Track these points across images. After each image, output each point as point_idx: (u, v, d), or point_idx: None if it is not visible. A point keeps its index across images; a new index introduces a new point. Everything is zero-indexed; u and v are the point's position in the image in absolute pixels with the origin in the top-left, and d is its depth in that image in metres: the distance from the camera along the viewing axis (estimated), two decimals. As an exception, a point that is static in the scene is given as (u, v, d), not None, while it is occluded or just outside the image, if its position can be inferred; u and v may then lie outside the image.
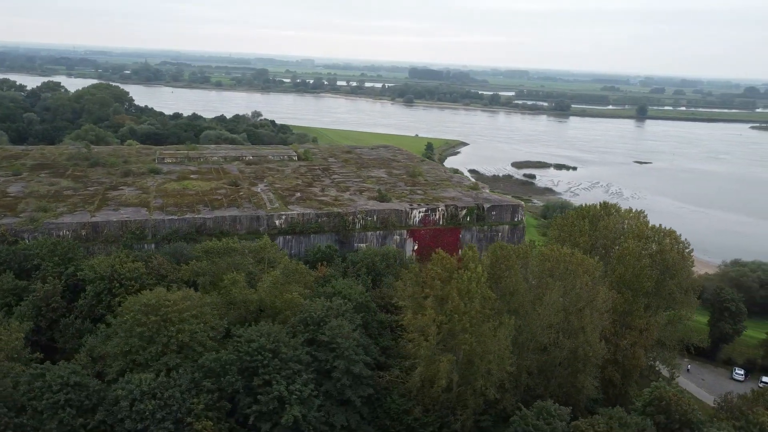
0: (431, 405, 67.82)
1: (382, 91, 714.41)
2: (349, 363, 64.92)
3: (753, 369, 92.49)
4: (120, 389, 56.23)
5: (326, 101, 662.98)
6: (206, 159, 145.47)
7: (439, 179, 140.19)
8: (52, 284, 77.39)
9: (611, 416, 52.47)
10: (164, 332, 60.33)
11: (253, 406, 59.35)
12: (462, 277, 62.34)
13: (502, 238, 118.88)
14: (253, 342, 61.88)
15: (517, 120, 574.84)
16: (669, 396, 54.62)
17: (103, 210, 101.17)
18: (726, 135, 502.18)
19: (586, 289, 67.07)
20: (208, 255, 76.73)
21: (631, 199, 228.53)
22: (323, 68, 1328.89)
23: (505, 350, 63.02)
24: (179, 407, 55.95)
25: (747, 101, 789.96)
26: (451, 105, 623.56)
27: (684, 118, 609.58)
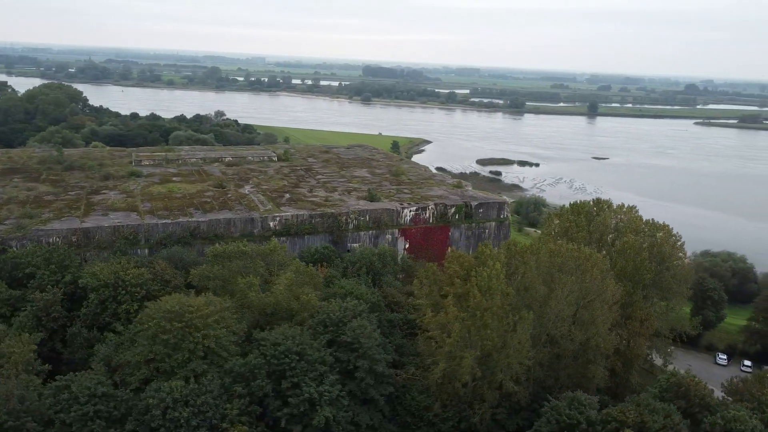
0: (449, 400, 69.34)
1: (339, 89, 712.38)
2: (372, 362, 65.81)
3: (733, 354, 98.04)
4: (150, 398, 55.44)
5: (282, 100, 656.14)
6: (185, 161, 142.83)
7: (422, 178, 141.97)
8: (51, 293, 75.15)
9: (638, 403, 55.17)
10: (189, 339, 59.70)
11: (284, 409, 59.57)
12: (482, 274, 64.01)
13: (489, 234, 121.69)
14: (279, 345, 62.03)
15: (473, 118, 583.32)
16: (687, 382, 57.86)
17: (92, 215, 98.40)
18: (672, 131, 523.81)
19: (595, 282, 69.82)
20: (217, 259, 75.83)
21: (594, 194, 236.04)
22: (275, 66, 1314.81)
23: (524, 344, 65.13)
24: (213, 413, 55.65)
25: (688, 98, 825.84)
26: (408, 103, 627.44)
27: (632, 115, 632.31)
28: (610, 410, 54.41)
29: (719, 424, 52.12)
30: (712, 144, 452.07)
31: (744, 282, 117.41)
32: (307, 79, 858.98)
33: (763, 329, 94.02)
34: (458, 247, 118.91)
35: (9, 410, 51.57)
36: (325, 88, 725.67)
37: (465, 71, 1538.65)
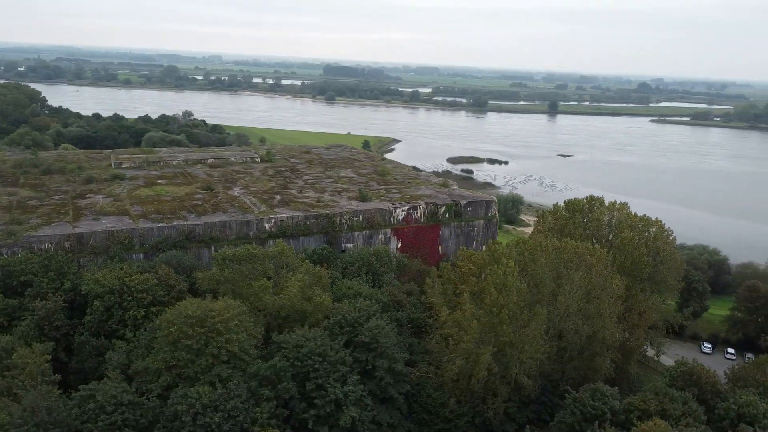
0: (462, 396, 70.82)
1: (302, 88, 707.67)
2: (391, 361, 66.70)
3: (716, 342, 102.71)
4: (178, 404, 55.00)
5: (244, 99, 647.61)
6: (167, 163, 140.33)
7: (407, 178, 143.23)
8: (53, 301, 73.31)
9: (656, 392, 57.69)
10: (213, 343, 59.36)
11: (310, 410, 59.88)
12: (497, 272, 65.62)
13: (478, 233, 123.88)
14: (302, 347, 62.25)
15: (437, 116, 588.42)
16: (698, 370, 60.79)
17: (82, 220, 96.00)
18: (629, 128, 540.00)
19: (600, 277, 72.37)
20: (226, 262, 75.27)
21: (564, 191, 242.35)
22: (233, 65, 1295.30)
23: (538, 339, 67.09)
24: (244, 417, 55.56)
25: (642, 96, 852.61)
26: (372, 102, 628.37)
27: (590, 113, 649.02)
28: (632, 399, 56.80)
29: (733, 409, 55.07)
30: (667, 141, 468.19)
31: (719, 273, 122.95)
32: (268, 78, 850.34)
33: (745, 318, 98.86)
34: (448, 245, 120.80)
35: (37, 423, 50.45)
36: (288, 87, 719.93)
37: (424, 70, 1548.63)
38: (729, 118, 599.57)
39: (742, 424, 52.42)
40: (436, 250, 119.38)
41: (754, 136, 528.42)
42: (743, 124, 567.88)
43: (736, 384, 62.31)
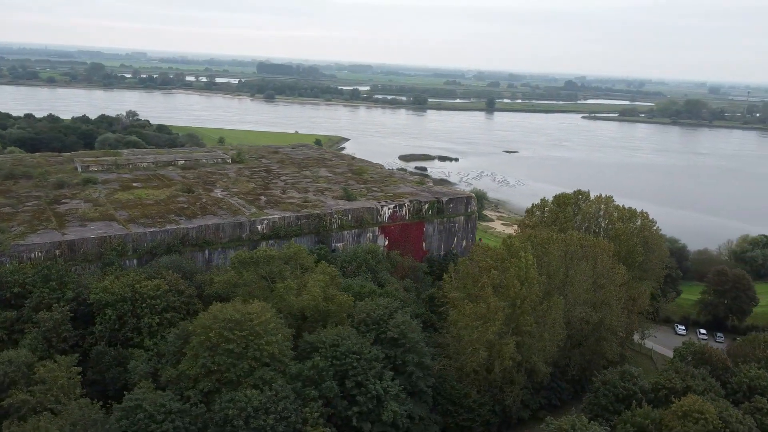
0: (482, 386, 73.54)
1: (239, 86, 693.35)
2: (420, 356, 68.47)
3: (688, 324, 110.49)
4: (228, 409, 54.70)
5: (178, 98, 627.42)
6: (136, 165, 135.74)
7: (383, 176, 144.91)
8: (59, 312, 70.63)
9: (677, 370, 62.22)
10: (253, 346, 59.13)
11: (353, 407, 60.77)
12: (519, 265, 68.61)
13: (459, 228, 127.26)
14: (339, 346, 62.99)
15: (378, 114, 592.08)
16: (707, 349, 65.96)
17: (69, 227, 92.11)
18: (562, 124, 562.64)
19: (605, 267, 76.84)
20: (243, 265, 74.65)
21: (517, 186, 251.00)
22: (159, 62, 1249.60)
23: (557, 327, 70.65)
24: (296, 418, 55.87)
25: (570, 94, 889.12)
26: (312, 101, 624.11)
27: (525, 110, 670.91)
28: (658, 379, 61.01)
29: (744, 383, 60.35)
30: (599, 136, 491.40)
31: (680, 260, 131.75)
32: (201, 76, 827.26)
33: (715, 300, 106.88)
34: (431, 242, 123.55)
35: (89, 436, 48.97)
36: (224, 85, 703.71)
37: (358, 68, 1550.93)
38: (653, 114, 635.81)
39: (756, 396, 57.75)
40: (421, 247, 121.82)
41: (676, 131, 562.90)
42: (666, 119, 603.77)
43: (737, 360, 68.04)
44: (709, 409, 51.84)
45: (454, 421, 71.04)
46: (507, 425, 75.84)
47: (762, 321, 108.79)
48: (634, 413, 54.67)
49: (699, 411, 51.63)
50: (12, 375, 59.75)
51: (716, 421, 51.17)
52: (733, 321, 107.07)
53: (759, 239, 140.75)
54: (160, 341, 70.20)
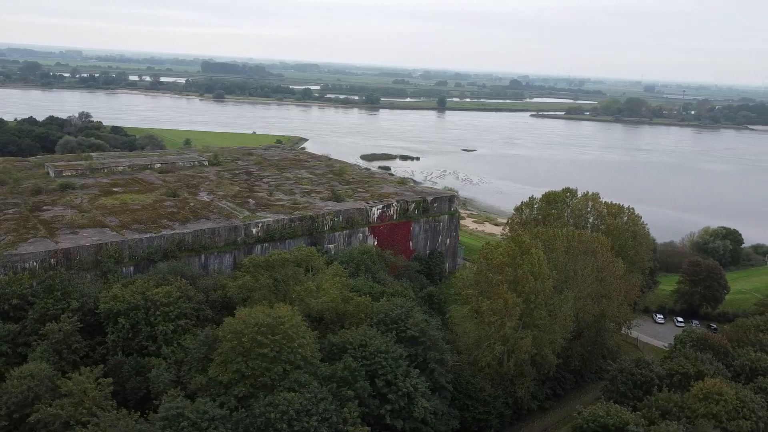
0: (493, 380, 75.99)
1: (186, 86, 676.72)
2: (440, 353, 70.22)
3: (665, 313, 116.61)
4: (269, 412, 54.85)
5: (123, 98, 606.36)
6: (111, 169, 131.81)
7: (363, 177, 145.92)
8: (69, 323, 68.72)
9: (686, 356, 66.21)
10: (287, 350, 59.35)
11: (385, 405, 61.90)
12: (532, 261, 71.30)
13: (443, 227, 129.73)
14: (367, 346, 63.96)
15: (331, 114, 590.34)
16: (708, 336, 70.43)
17: (60, 235, 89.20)
18: (512, 123, 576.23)
19: (605, 261, 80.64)
20: (258, 269, 74.41)
21: (480, 184, 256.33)
22: (97, 61, 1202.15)
23: (567, 320, 73.78)
24: (336, 419, 56.54)
25: (516, 93, 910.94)
26: (264, 100, 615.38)
27: (476, 109, 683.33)
28: (671, 364, 64.80)
29: (747, 365, 64.94)
30: (549, 134, 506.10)
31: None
32: (143, 75, 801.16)
33: (690, 290, 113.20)
34: (418, 240, 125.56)
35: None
36: (170, 85, 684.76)
37: (304, 67, 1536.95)
38: (597, 112, 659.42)
39: (759, 376, 62.37)
40: (408, 246, 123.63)
41: (619, 128, 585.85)
42: (609, 117, 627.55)
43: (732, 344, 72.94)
44: (727, 390, 55.88)
45: (471, 414, 73.09)
46: (517, 416, 78.57)
47: (731, 308, 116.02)
48: (657, 397, 58.17)
49: (718, 393, 55.55)
50: (36, 389, 57.89)
51: (734, 401, 55.21)
52: (707, 308, 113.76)
53: (719, 231, 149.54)
54: (177, 349, 69.31)
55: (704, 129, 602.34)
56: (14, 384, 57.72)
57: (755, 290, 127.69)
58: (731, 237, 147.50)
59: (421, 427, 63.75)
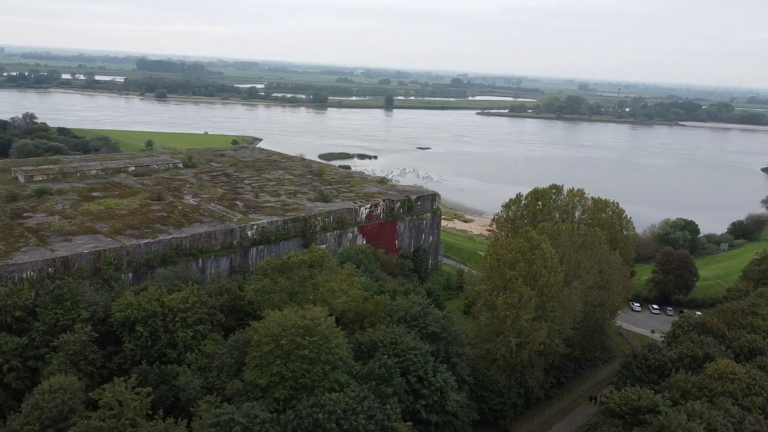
0: (506, 371, 78.89)
1: (125, 85, 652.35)
2: (461, 347, 72.40)
3: (640, 301, 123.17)
4: (316, 413, 55.40)
5: (57, 98, 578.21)
6: (84, 173, 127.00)
7: (343, 176, 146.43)
8: (85, 333, 66.92)
9: (691, 340, 70.83)
10: (325, 350, 59.92)
11: (420, 401, 63.47)
12: (545, 256, 74.46)
13: (427, 225, 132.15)
14: (398, 343, 65.32)
15: (279, 113, 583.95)
16: (707, 320, 75.52)
17: (53, 243, 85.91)
18: (459, 120, 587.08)
19: (604, 253, 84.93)
20: (275, 272, 74.27)
21: (441, 181, 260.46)
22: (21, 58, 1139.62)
23: (576, 311, 77.41)
24: (381, 416, 57.64)
25: (460, 91, 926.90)
26: (208, 99, 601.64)
27: (422, 107, 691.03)
28: (681, 348, 69.18)
29: (746, 345, 70.25)
30: (495, 131, 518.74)
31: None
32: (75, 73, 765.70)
33: (663, 279, 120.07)
34: (403, 239, 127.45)
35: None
36: (108, 84, 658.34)
37: (243, 65, 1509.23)
38: (539, 110, 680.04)
39: (758, 356, 67.68)
40: (394, 244, 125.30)
41: (560, 125, 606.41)
42: (551, 114, 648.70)
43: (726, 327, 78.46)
44: (740, 370, 60.54)
45: (488, 406, 75.58)
46: (527, 405, 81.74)
47: (699, 294, 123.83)
48: (676, 379, 62.26)
49: (732, 372, 60.10)
50: (69, 402, 56.12)
51: (747, 379, 59.91)
52: (678, 296, 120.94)
53: (678, 222, 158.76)
54: (198, 355, 68.53)
55: (639, 125, 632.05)
56: (46, 398, 55.76)
57: (717, 277, 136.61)
58: (689, 228, 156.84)
59: (452, 420, 65.70)
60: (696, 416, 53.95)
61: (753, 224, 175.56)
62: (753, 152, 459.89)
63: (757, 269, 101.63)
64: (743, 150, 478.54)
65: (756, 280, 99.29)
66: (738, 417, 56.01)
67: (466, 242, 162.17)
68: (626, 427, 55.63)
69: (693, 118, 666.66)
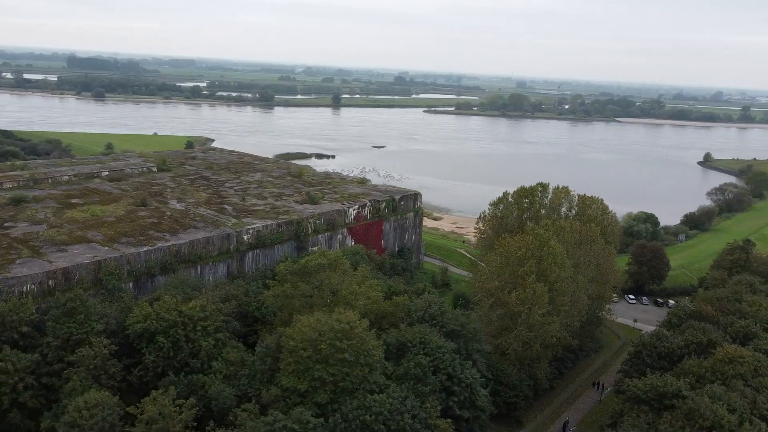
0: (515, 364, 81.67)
1: (60, 84, 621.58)
2: (480, 344, 74.54)
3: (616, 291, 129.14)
4: (362, 415, 56.09)
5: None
6: (56, 179, 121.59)
7: (322, 178, 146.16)
8: (105, 347, 65.12)
9: (693, 327, 75.39)
10: (363, 353, 60.57)
11: (452, 397, 65.11)
12: (555, 252, 77.50)
13: (410, 224, 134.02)
14: (428, 342, 66.71)
15: (224, 112, 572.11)
16: (702, 308, 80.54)
17: (48, 254, 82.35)
18: (408, 119, 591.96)
19: (602, 248, 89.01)
20: (294, 276, 74.10)
21: (403, 180, 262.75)
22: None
23: (582, 303, 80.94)
24: (424, 414, 58.86)
25: (404, 89, 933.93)
26: (149, 99, 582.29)
27: (370, 105, 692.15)
28: (686, 335, 73.55)
29: (741, 330, 75.52)
30: (444, 129, 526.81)
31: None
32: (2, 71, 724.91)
33: (638, 270, 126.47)
34: (388, 238, 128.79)
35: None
36: (40, 83, 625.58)
37: (179, 62, 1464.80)
38: (484, 107, 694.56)
39: (753, 339, 72.97)
40: (380, 244, 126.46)
41: (505, 122, 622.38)
42: (495, 112, 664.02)
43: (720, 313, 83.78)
44: (747, 353, 65.26)
45: (503, 399, 78.00)
46: (535, 397, 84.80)
47: (669, 284, 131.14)
48: (689, 364, 66.33)
49: (740, 356, 64.69)
50: (109, 419, 54.59)
51: (753, 362, 64.69)
52: (651, 285, 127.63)
53: (640, 215, 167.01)
54: (223, 363, 67.74)
55: (578, 122, 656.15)
56: (84, 415, 54.09)
57: (681, 266, 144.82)
58: (650, 220, 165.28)
59: (481, 414, 67.68)
60: (716, 398, 57.90)
61: (704, 215, 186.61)
62: (685, 147, 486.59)
63: (729, 258, 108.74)
64: (676, 145, 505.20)
65: (729, 269, 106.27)
66: (750, 398, 60.49)
67: (441, 240, 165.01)
68: (654, 413, 59.00)
69: (628, 115, 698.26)
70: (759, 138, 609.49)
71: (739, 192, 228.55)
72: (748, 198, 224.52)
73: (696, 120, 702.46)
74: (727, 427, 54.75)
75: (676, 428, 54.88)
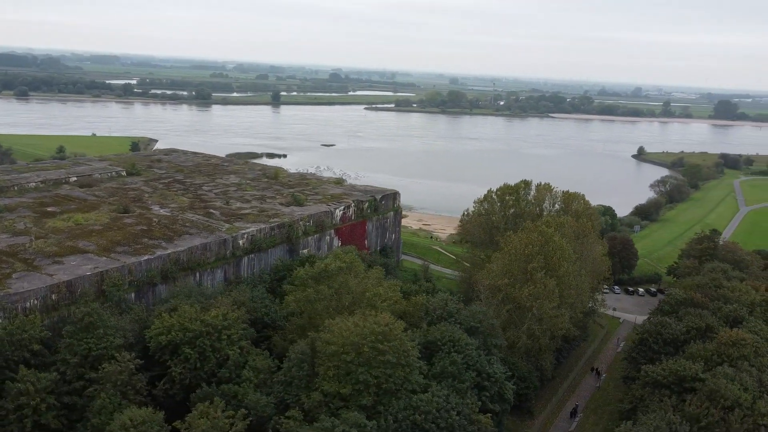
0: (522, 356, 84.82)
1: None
2: (498, 339, 76.95)
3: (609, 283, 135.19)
4: (411, 415, 57.13)
5: None
6: (23, 187, 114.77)
7: (298, 179, 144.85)
8: (132, 362, 63.18)
9: (690, 314, 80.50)
10: (402, 354, 61.49)
11: (483, 392, 67.08)
12: (562, 247, 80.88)
13: (390, 223, 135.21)
14: (458, 340, 68.38)
15: (160, 111, 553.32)
16: (693, 295, 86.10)
17: (44, 267, 78.21)
18: (349, 116, 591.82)
19: (596, 243, 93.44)
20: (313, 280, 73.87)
21: (360, 178, 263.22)
22: None
23: (586, 294, 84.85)
24: (467, 410, 60.45)
25: (341, 86, 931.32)
26: (77, 97, 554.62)
27: (310, 103, 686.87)
28: (686, 322, 78.46)
29: (731, 315, 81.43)
30: (386, 126, 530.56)
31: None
32: None
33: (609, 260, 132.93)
34: (371, 238, 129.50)
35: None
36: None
37: (101, 59, 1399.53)
38: (423, 104, 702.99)
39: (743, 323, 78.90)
40: (364, 244, 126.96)
41: (445, 119, 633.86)
42: (435, 108, 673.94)
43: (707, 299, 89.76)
44: (748, 336, 70.60)
45: (515, 390, 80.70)
46: (541, 386, 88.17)
47: (637, 273, 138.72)
48: (696, 348, 70.99)
49: (742, 338, 69.93)
50: (156, 436, 53.02)
51: (754, 343, 70.12)
52: (621, 275, 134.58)
53: (599, 208, 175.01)
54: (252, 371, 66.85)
55: (514, 117, 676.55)
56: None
57: (642, 256, 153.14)
58: (609, 213, 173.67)
59: (507, 407, 70.02)
60: (729, 380, 62.60)
61: (652, 206, 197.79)
62: (615, 141, 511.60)
63: (698, 247, 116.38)
64: (607, 139, 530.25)
65: (698, 258, 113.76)
66: (756, 377, 65.69)
67: (413, 237, 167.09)
68: (677, 396, 63.03)
69: (560, 110, 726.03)
70: (679, 131, 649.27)
71: (678, 183, 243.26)
72: (686, 189, 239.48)
73: (622, 115, 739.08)
74: (744, 405, 59.29)
75: (702, 409, 58.88)
